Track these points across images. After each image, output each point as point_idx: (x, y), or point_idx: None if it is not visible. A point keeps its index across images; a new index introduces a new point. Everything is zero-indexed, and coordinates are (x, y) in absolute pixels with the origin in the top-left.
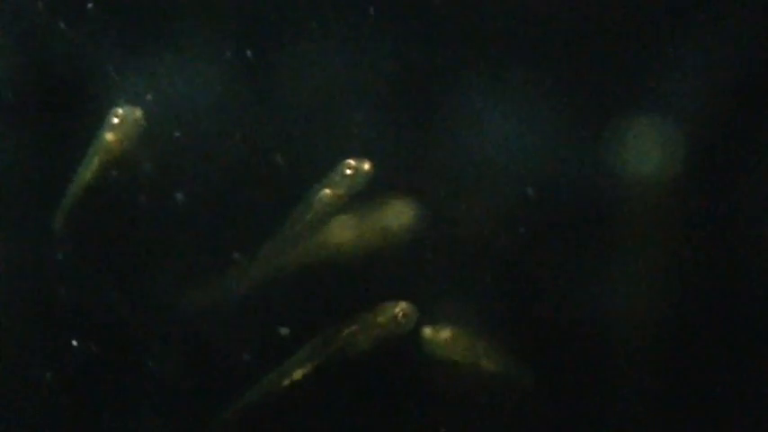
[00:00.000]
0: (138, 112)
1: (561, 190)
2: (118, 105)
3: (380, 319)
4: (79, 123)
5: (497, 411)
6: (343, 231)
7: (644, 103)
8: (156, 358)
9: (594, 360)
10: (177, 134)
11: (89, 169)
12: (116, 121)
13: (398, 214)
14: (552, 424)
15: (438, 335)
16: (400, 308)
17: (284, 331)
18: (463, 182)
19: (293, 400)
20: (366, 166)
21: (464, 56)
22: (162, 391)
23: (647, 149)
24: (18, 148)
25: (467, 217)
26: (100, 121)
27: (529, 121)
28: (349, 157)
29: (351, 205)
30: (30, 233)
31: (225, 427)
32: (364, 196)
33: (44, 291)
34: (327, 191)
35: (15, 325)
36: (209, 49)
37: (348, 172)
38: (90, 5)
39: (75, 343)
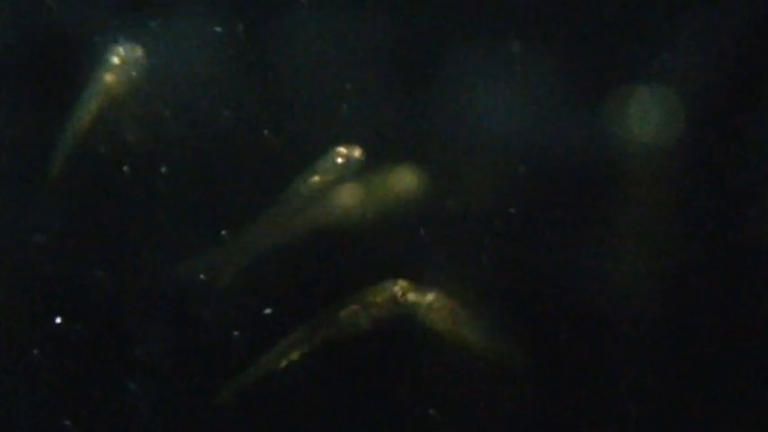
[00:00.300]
0: (140, 51)
1: (558, 164)
2: (117, 44)
3: (379, 298)
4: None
5: (483, 386)
6: (349, 197)
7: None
8: (149, 337)
9: (589, 340)
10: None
11: (87, 113)
12: (116, 60)
13: (404, 180)
14: (541, 399)
15: (422, 299)
16: (399, 286)
17: (267, 311)
18: (461, 155)
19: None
20: (357, 153)
21: (462, 26)
22: (156, 372)
23: (649, 124)
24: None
25: (463, 189)
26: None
27: (529, 94)
28: (345, 136)
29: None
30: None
31: (223, 405)
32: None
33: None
34: (316, 177)
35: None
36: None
37: (339, 160)
38: None
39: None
